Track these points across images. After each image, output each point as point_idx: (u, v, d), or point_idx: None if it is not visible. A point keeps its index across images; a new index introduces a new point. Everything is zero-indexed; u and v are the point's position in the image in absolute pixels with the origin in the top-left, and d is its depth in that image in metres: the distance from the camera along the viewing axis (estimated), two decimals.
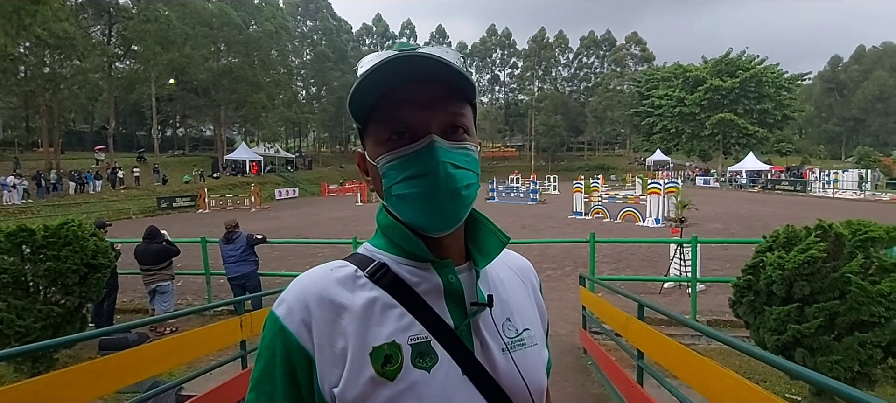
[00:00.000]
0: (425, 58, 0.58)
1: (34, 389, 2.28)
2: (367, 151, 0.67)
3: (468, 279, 0.68)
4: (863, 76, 66.03)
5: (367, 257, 0.68)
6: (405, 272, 0.65)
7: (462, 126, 0.64)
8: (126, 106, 44.47)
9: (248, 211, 25.16)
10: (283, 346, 0.61)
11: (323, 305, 0.61)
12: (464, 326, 0.64)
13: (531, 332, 0.72)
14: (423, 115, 0.61)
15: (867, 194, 27.37)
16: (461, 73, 0.61)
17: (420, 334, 0.61)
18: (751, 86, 47.82)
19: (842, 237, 3.53)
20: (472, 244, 0.71)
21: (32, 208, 21.87)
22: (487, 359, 0.64)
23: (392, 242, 0.68)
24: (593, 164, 59.11)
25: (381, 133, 0.63)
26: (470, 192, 0.63)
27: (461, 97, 0.64)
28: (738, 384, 2.07)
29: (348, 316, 0.61)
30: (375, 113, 0.63)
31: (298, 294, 0.62)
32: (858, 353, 3.29)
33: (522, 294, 0.76)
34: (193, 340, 3.46)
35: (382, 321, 0.61)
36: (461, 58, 0.64)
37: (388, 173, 0.62)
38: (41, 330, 4.38)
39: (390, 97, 0.61)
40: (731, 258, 9.16)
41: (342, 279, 0.64)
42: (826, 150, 66.58)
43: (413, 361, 0.60)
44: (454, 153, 0.62)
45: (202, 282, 7.70)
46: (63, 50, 25.62)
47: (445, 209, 0.61)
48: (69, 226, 4.73)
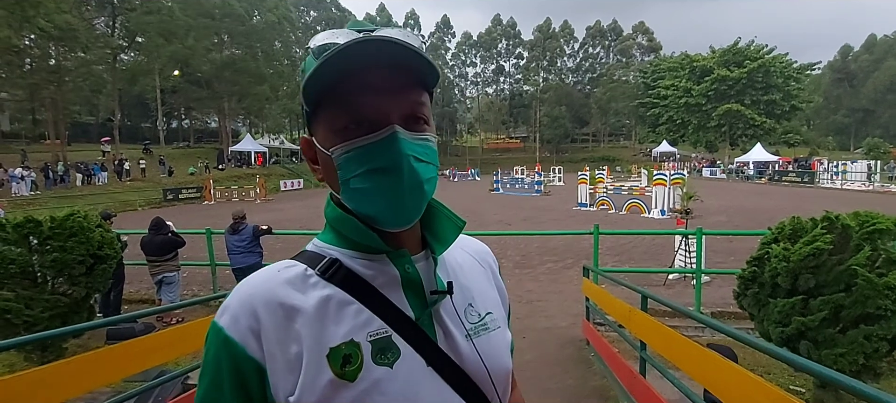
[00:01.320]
0: (388, 42, 0.54)
1: (42, 377, 2.31)
2: (318, 139, 0.62)
3: (426, 267, 0.66)
4: (874, 66, 65.05)
5: (316, 254, 0.65)
6: (359, 266, 0.62)
7: (423, 116, 0.61)
8: (130, 98, 44.59)
9: (253, 203, 25.27)
10: (229, 358, 0.57)
11: (271, 309, 0.57)
12: (425, 316, 0.62)
13: (494, 315, 0.70)
14: (383, 104, 0.57)
15: (876, 186, 27.08)
16: (425, 59, 0.57)
17: (379, 329, 0.59)
18: (759, 76, 47.31)
19: (849, 229, 3.49)
20: (427, 231, 0.68)
21: (40, 200, 22.06)
22: (452, 348, 0.62)
23: (342, 236, 0.64)
24: (598, 156, 58.89)
25: (336, 120, 0.58)
26: (431, 186, 0.61)
27: (422, 85, 0.61)
28: (742, 376, 2.06)
29: (301, 318, 0.57)
30: (330, 98, 0.58)
31: (244, 300, 0.58)
32: (863, 346, 3.27)
33: (482, 277, 0.75)
34: (199, 330, 3.48)
35: (338, 319, 0.58)
36: (422, 42, 0.61)
37: (345, 165, 0.58)
38: (49, 320, 4.44)
39: (347, 82, 0.57)
40: (736, 250, 9.11)
41: (291, 279, 0.61)
42: (835, 141, 65.93)
43: (374, 358, 0.57)
44: (417, 145, 0.58)
45: (208, 273, 7.76)
46: (67, 42, 25.67)
47: (408, 204, 0.58)
48: (75, 218, 4.77)
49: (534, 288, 7.51)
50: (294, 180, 36.60)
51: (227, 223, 6.56)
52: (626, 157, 57.09)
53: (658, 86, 55.10)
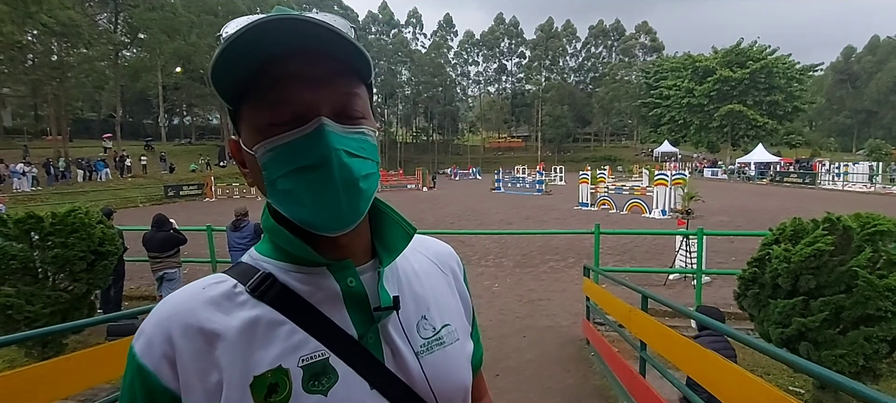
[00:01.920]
0: (312, 23, 0.48)
1: (42, 373, 2.32)
2: (243, 139, 0.56)
3: (373, 279, 0.60)
4: (877, 67, 64.90)
5: (250, 267, 0.58)
6: (294, 280, 0.56)
7: (356, 109, 0.55)
8: (133, 94, 44.69)
9: (254, 200, 25.29)
10: (143, 388, 0.51)
11: (189, 334, 0.51)
12: (371, 334, 0.57)
13: (451, 327, 0.65)
14: (310, 94, 0.51)
15: (878, 187, 27.02)
16: (355, 46, 0.51)
17: (315, 352, 0.53)
18: (761, 77, 47.24)
19: (850, 230, 3.49)
20: (376, 239, 0.63)
21: (42, 195, 22.11)
22: (401, 367, 0.57)
23: (277, 247, 0.58)
24: (600, 155, 58.87)
25: (259, 116, 0.52)
26: (370, 183, 0.55)
27: (354, 74, 0.55)
28: (742, 376, 2.06)
29: (222, 343, 0.51)
30: (250, 92, 0.52)
31: (159, 323, 0.52)
32: (863, 347, 3.27)
33: (442, 285, 0.69)
34: None
35: (267, 343, 0.52)
36: (353, 28, 0.55)
37: (269, 165, 0.52)
38: (50, 316, 4.45)
39: (269, 72, 0.51)
40: (737, 250, 9.10)
41: (216, 299, 0.54)
42: (837, 143, 65.77)
43: (306, 386, 0.51)
44: (348, 138, 0.53)
45: (209, 270, 7.78)
46: (69, 38, 25.68)
47: (342, 205, 0.52)
48: (76, 214, 4.78)
49: (535, 287, 7.52)
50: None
51: (229, 220, 6.57)
52: (628, 157, 57.05)
53: (660, 87, 55.04)
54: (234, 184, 28.69)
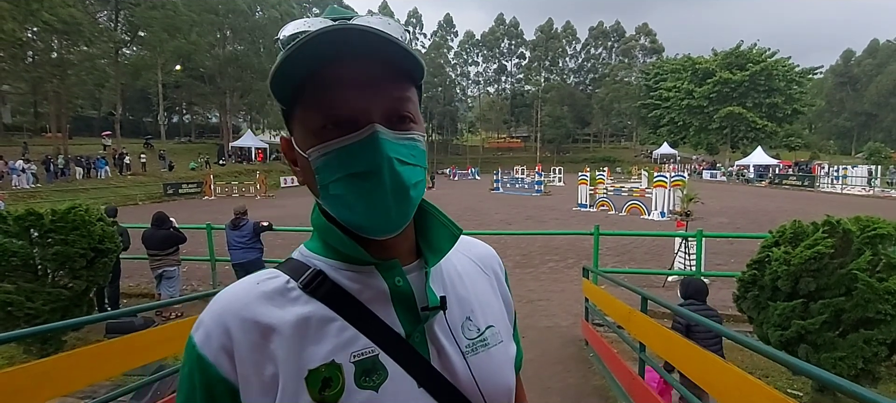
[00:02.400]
0: (365, 31, 0.49)
1: (43, 370, 2.31)
2: (296, 140, 0.57)
3: (419, 279, 0.61)
4: (876, 70, 64.93)
5: (301, 264, 0.60)
6: (344, 278, 0.58)
7: (408, 113, 0.55)
8: (133, 92, 44.65)
9: (253, 199, 25.27)
10: (202, 378, 0.53)
11: (246, 327, 0.53)
12: (417, 333, 0.58)
13: (495, 329, 0.65)
14: (363, 100, 0.52)
15: (877, 190, 27.05)
16: (407, 51, 0.52)
17: (365, 348, 0.54)
18: (761, 79, 47.28)
19: (850, 233, 3.49)
20: (421, 239, 0.64)
21: (41, 192, 22.09)
22: (446, 367, 0.58)
23: (328, 245, 0.60)
24: (599, 156, 58.88)
25: (313, 120, 0.53)
26: (418, 190, 0.56)
27: (407, 78, 0.56)
28: (741, 378, 2.07)
29: (277, 337, 0.53)
30: (304, 94, 0.53)
31: (217, 315, 0.54)
32: (863, 350, 3.27)
33: (484, 286, 0.69)
34: None
35: (319, 338, 0.54)
36: (406, 31, 0.55)
37: (323, 169, 0.54)
38: (49, 313, 4.45)
39: (322, 76, 0.52)
40: (736, 252, 9.11)
41: (269, 294, 0.56)
42: (836, 146, 65.81)
43: (357, 381, 0.52)
44: (400, 146, 0.53)
45: (207, 268, 7.78)
46: (70, 35, 25.65)
47: (391, 212, 0.53)
48: (76, 211, 4.78)
49: (535, 287, 7.52)
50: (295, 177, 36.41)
51: (228, 218, 6.57)
52: (628, 158, 57.09)
53: (660, 88, 55.09)
54: (234, 183, 28.69)
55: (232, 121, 45.44)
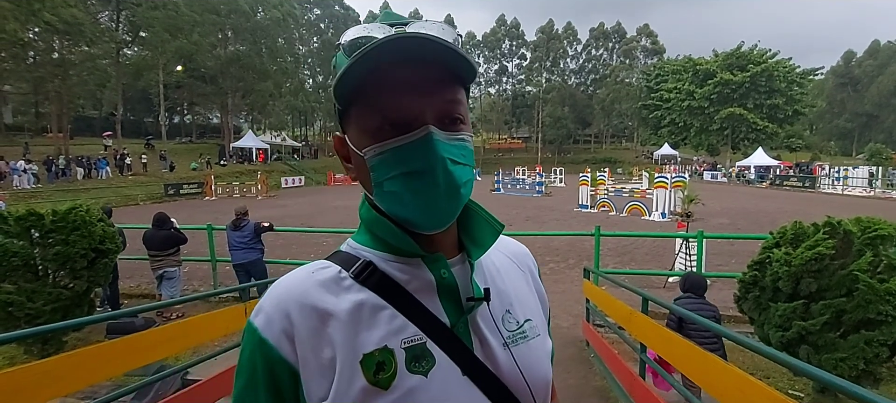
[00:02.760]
0: (427, 39, 0.52)
1: (44, 370, 2.32)
2: (350, 138, 0.60)
3: (462, 272, 0.63)
4: (877, 71, 64.82)
5: (351, 255, 0.63)
6: (393, 269, 0.61)
7: (459, 115, 0.58)
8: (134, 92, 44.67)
9: (254, 199, 25.29)
10: (264, 360, 0.56)
11: (305, 312, 0.56)
12: (461, 323, 0.60)
13: (533, 323, 0.68)
14: (418, 102, 0.55)
15: (878, 191, 27.02)
16: (461, 55, 0.55)
17: (414, 336, 0.57)
18: (761, 80, 47.25)
19: (851, 234, 3.49)
20: (464, 234, 0.66)
21: (42, 193, 22.11)
22: (489, 357, 0.60)
23: (377, 238, 0.63)
24: (600, 157, 58.84)
25: (369, 120, 0.56)
26: (468, 189, 0.59)
27: (458, 82, 0.59)
28: (741, 379, 2.07)
29: (334, 322, 0.56)
30: (361, 95, 0.56)
31: (277, 301, 0.57)
32: (864, 351, 3.27)
33: (521, 282, 0.72)
34: (199, 325, 3.49)
35: (372, 325, 0.57)
36: (458, 36, 0.58)
37: (378, 167, 0.56)
38: (50, 313, 4.45)
39: (382, 79, 0.54)
40: (737, 253, 9.11)
41: (325, 282, 0.59)
42: (837, 147, 65.74)
43: (408, 366, 0.55)
44: (452, 146, 0.56)
45: (208, 269, 7.78)
46: (72, 35, 25.69)
47: (443, 208, 0.56)
48: (77, 211, 4.78)
49: None
50: (295, 177, 36.62)
51: (228, 219, 6.57)
52: (629, 159, 57.03)
53: (661, 89, 55.05)
54: (235, 183, 28.69)
55: (233, 122, 45.45)
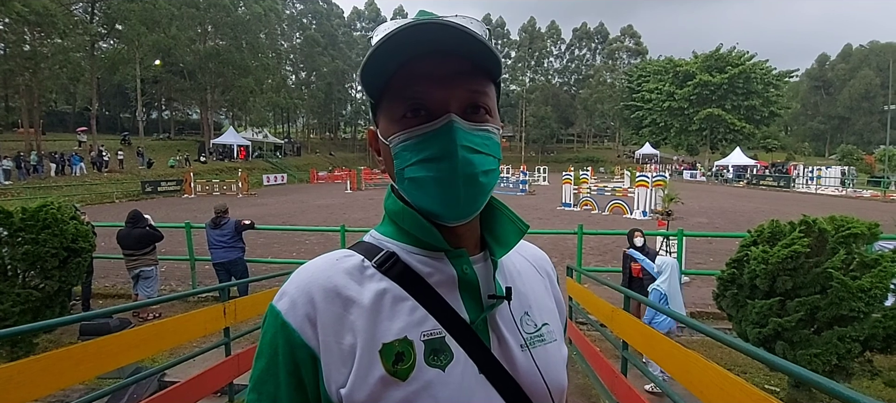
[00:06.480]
0: (447, 27, 0.52)
1: (8, 375, 2.22)
2: (380, 129, 0.61)
3: (484, 270, 0.63)
4: (849, 74, 66.94)
5: (374, 246, 0.64)
6: (416, 262, 0.61)
7: (484, 105, 0.58)
8: (109, 87, 43.47)
9: (234, 197, 24.86)
10: (285, 343, 0.56)
11: (329, 298, 0.56)
12: (480, 321, 0.60)
13: (550, 327, 0.67)
14: (442, 92, 0.56)
15: (849, 191, 27.93)
16: (487, 47, 0.55)
17: (434, 329, 0.57)
18: (739, 82, 48.36)
19: (825, 233, 3.58)
20: (487, 232, 0.66)
21: (13, 190, 21.35)
22: (505, 356, 0.60)
23: (401, 229, 0.63)
24: (583, 156, 59.54)
25: (396, 109, 0.58)
26: (489, 179, 0.59)
27: (484, 74, 0.59)
28: (720, 375, 2.10)
29: (357, 309, 0.56)
30: (390, 88, 0.58)
31: (302, 286, 0.58)
32: (837, 347, 3.36)
33: (539, 286, 0.72)
34: (177, 326, 3.41)
35: (393, 315, 0.57)
36: (486, 29, 0.58)
37: (401, 154, 0.58)
38: (19, 315, 4.29)
39: (407, 70, 0.56)
40: (716, 251, 9.30)
41: (349, 269, 0.59)
42: (811, 147, 67.70)
43: (426, 359, 0.55)
44: (474, 135, 0.57)
45: (187, 268, 7.61)
46: (43, 27, 24.82)
47: (461, 196, 0.56)
48: (48, 209, 4.62)
49: None
50: (277, 175, 36.12)
51: (208, 217, 6.43)
52: (611, 158, 57.86)
53: (642, 90, 55.93)
54: (215, 181, 28.14)
55: (213, 118, 44.53)
